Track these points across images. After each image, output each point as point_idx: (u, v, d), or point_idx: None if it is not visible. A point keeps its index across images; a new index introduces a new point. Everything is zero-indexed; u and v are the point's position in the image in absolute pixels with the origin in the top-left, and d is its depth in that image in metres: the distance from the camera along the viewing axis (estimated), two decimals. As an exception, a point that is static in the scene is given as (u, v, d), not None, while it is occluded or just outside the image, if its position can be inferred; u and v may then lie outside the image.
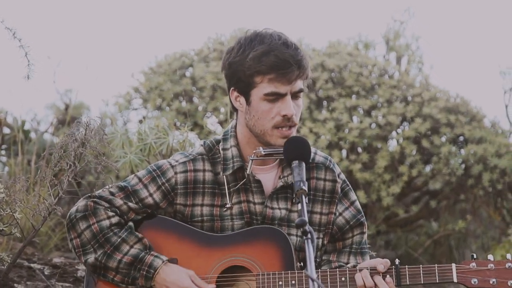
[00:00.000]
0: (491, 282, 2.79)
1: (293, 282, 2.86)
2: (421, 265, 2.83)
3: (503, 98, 7.04)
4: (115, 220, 3.01)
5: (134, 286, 2.98)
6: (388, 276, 2.83)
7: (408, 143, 6.50)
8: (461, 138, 6.70)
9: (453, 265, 2.82)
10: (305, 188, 2.71)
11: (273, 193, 3.03)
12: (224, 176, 3.04)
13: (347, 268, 2.87)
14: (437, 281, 2.81)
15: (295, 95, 2.93)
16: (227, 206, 3.03)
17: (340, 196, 3.13)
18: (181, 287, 2.91)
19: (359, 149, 6.65)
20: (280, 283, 2.87)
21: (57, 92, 8.28)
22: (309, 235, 2.43)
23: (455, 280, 2.80)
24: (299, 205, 2.66)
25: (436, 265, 2.82)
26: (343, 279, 2.85)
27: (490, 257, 2.83)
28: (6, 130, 6.94)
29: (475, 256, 2.84)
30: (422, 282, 2.83)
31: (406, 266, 2.84)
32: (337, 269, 2.87)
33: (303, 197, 2.68)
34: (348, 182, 3.19)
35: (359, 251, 3.12)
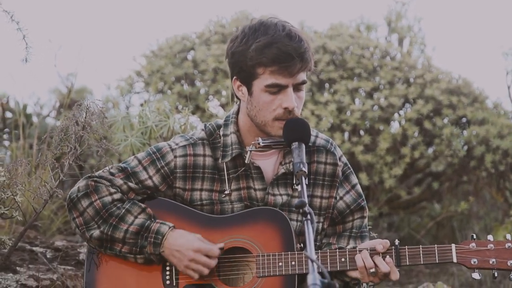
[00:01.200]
0: (490, 262, 2.78)
1: (293, 263, 2.86)
2: (420, 246, 2.82)
3: (506, 79, 7.02)
4: (117, 196, 3.01)
5: (142, 255, 2.96)
6: (388, 256, 2.82)
7: (410, 125, 6.49)
8: (464, 120, 6.68)
9: (453, 245, 2.81)
10: (305, 169, 2.70)
11: (274, 180, 3.02)
12: (224, 163, 3.04)
13: (347, 249, 2.87)
14: (437, 262, 2.80)
15: (297, 87, 2.90)
16: (226, 192, 3.03)
17: (341, 180, 3.11)
18: (191, 249, 2.90)
19: (361, 131, 6.63)
20: (280, 264, 2.86)
21: (59, 76, 8.27)
22: (308, 216, 2.43)
23: (454, 260, 2.79)
24: (299, 186, 2.66)
25: (436, 245, 2.82)
26: (343, 259, 2.85)
27: (490, 237, 2.83)
28: (8, 114, 6.95)
29: (475, 237, 2.83)
30: (422, 263, 2.82)
31: (406, 246, 2.84)
32: (337, 250, 2.86)
33: (303, 178, 2.67)
34: (349, 165, 3.16)
35: (359, 235, 3.11)
